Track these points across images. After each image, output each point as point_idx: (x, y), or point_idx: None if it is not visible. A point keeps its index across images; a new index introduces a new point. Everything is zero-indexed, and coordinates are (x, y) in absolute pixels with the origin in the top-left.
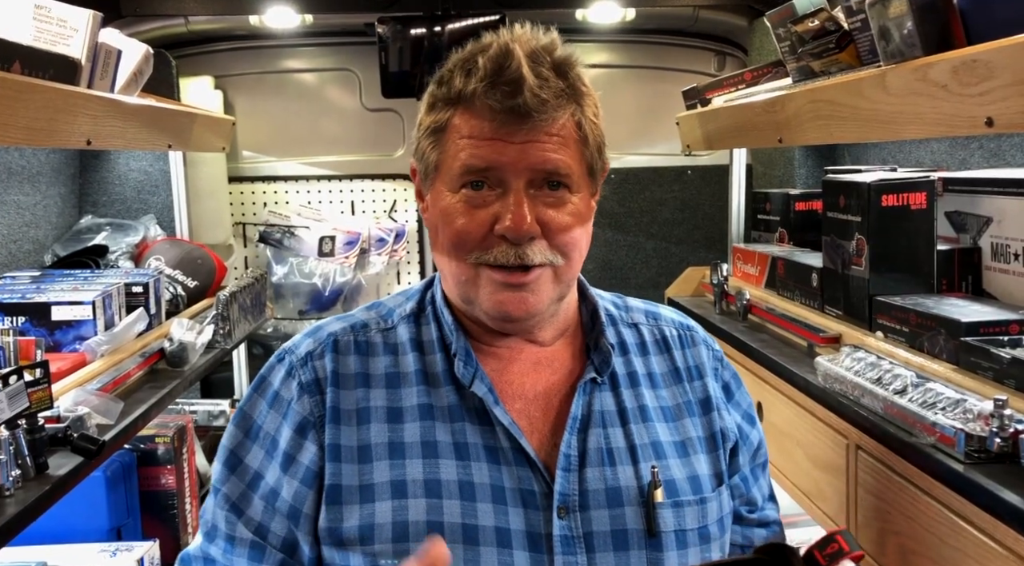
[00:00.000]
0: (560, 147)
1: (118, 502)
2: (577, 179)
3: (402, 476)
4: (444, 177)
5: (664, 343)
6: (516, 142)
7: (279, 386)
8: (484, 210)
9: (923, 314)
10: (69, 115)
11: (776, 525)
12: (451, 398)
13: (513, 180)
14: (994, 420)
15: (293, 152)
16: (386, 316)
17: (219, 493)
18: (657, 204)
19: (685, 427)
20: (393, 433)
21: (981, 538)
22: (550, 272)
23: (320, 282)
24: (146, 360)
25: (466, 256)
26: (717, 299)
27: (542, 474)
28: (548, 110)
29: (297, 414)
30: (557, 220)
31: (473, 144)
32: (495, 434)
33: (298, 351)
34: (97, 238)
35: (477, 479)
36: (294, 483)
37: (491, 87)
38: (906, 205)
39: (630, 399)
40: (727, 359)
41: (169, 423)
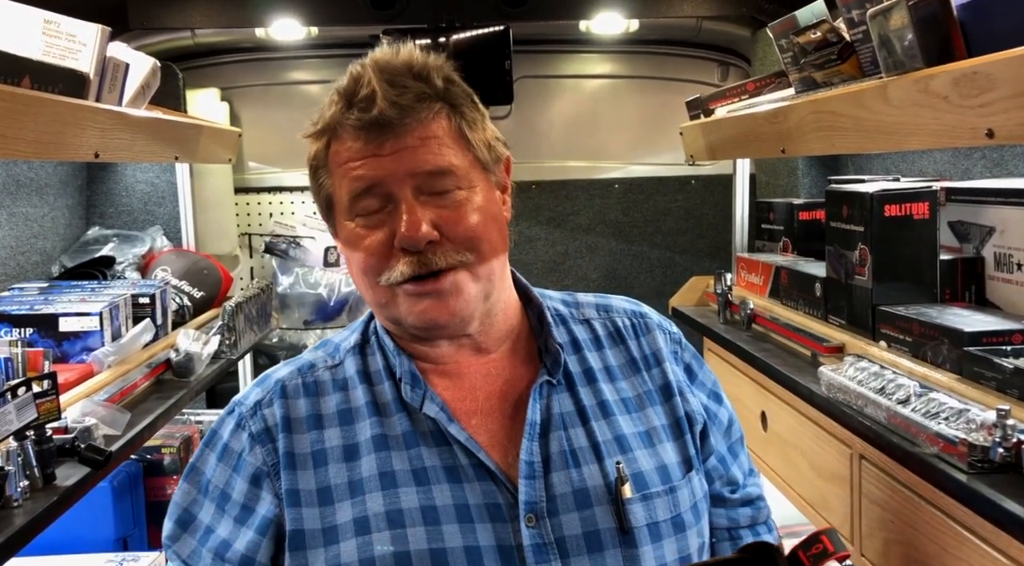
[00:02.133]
0: (438, 148)
1: (124, 512)
2: (465, 174)
3: (363, 512)
4: (339, 208)
5: (618, 334)
6: (387, 153)
7: (228, 439)
8: (381, 230)
9: (926, 324)
10: (77, 128)
11: (760, 500)
12: (404, 425)
13: (398, 191)
14: (997, 430)
15: (299, 163)
16: (332, 353)
17: (169, 550)
18: (661, 214)
19: (648, 416)
20: (351, 471)
21: (984, 548)
22: (464, 272)
23: (325, 292)
24: (152, 371)
25: (377, 279)
26: (721, 308)
27: (505, 485)
28: (410, 114)
29: (250, 465)
30: (452, 218)
31: (350, 168)
32: (453, 453)
33: (247, 402)
34: (104, 249)
35: (440, 502)
36: (248, 533)
37: (348, 109)
38: (909, 215)
39: (588, 396)
40: (685, 341)
41: (175, 433)
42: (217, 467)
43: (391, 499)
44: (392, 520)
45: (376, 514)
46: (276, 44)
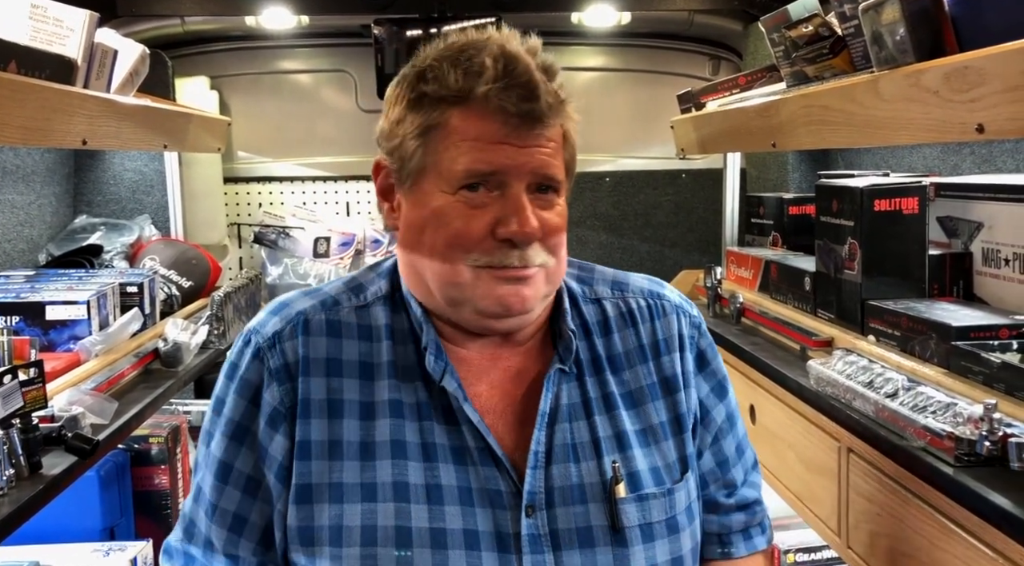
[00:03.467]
0: (556, 152)
1: (111, 502)
2: (562, 182)
3: (372, 479)
4: (437, 178)
5: (630, 317)
6: (525, 146)
7: (247, 371)
8: (483, 211)
9: (915, 318)
10: (65, 115)
11: (757, 504)
12: (420, 394)
13: (516, 184)
14: (984, 424)
15: (288, 153)
16: (358, 291)
17: (199, 490)
18: (652, 207)
19: (648, 413)
20: (364, 431)
21: (970, 541)
22: (543, 273)
23: (315, 283)
24: (140, 360)
25: (464, 258)
26: (711, 302)
27: (509, 473)
28: (553, 115)
29: (268, 405)
30: (551, 222)
31: (479, 147)
32: (461, 434)
33: (264, 331)
34: (92, 238)
35: (444, 481)
36: (270, 475)
37: (505, 90)
38: (898, 210)
39: (594, 388)
40: (705, 327)
41: (163, 423)
42: (235, 400)
43: (399, 471)
44: (398, 493)
45: (384, 483)
46: (266, 32)
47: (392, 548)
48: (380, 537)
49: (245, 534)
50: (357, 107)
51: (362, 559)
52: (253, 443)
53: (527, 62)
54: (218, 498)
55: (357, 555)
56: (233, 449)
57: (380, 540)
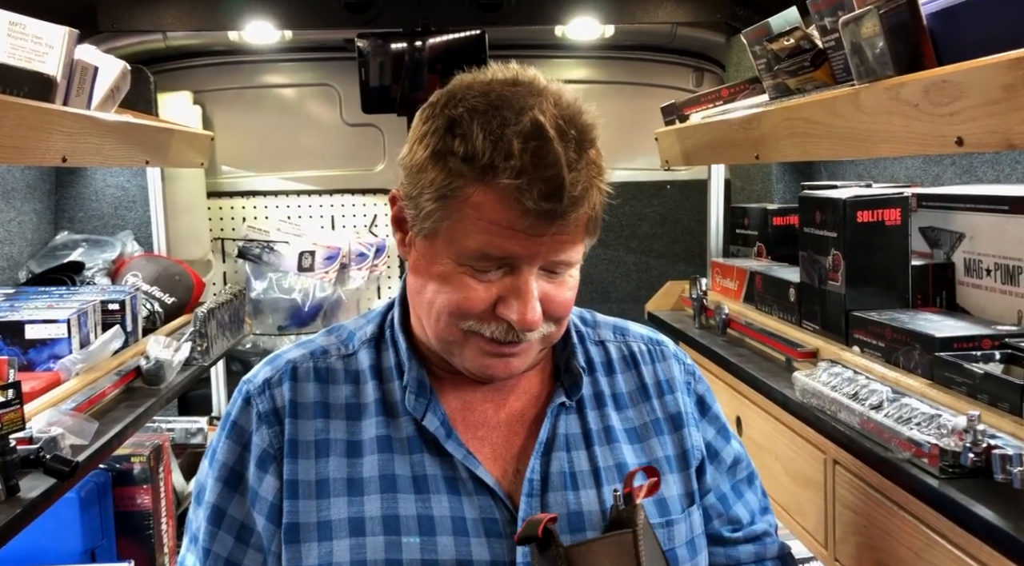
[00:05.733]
0: (575, 235)
1: (92, 523)
2: (579, 255)
3: (360, 513)
4: (448, 244)
5: (632, 359)
6: (542, 237)
7: (238, 416)
8: (488, 287)
9: (898, 329)
10: (44, 132)
11: (767, 536)
12: (409, 429)
13: (525, 267)
14: (968, 435)
15: (272, 167)
16: (346, 341)
17: (195, 538)
18: (637, 218)
19: (652, 448)
20: (352, 468)
21: (955, 553)
22: (539, 339)
23: (300, 297)
24: (122, 378)
25: (459, 323)
26: (696, 313)
27: (504, 502)
28: (577, 207)
29: (257, 447)
30: (558, 298)
31: (494, 231)
32: (453, 464)
33: (255, 380)
34: (73, 254)
35: (437, 512)
36: (261, 519)
37: (528, 185)
38: (881, 221)
39: (595, 420)
40: (700, 372)
41: (145, 442)
42: (226, 444)
43: (389, 504)
44: (388, 526)
45: (373, 517)
46: (249, 47)
47: None
48: None
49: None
50: (342, 121)
51: None
52: (244, 489)
53: (557, 151)
54: (211, 542)
55: None
56: (226, 494)
57: None
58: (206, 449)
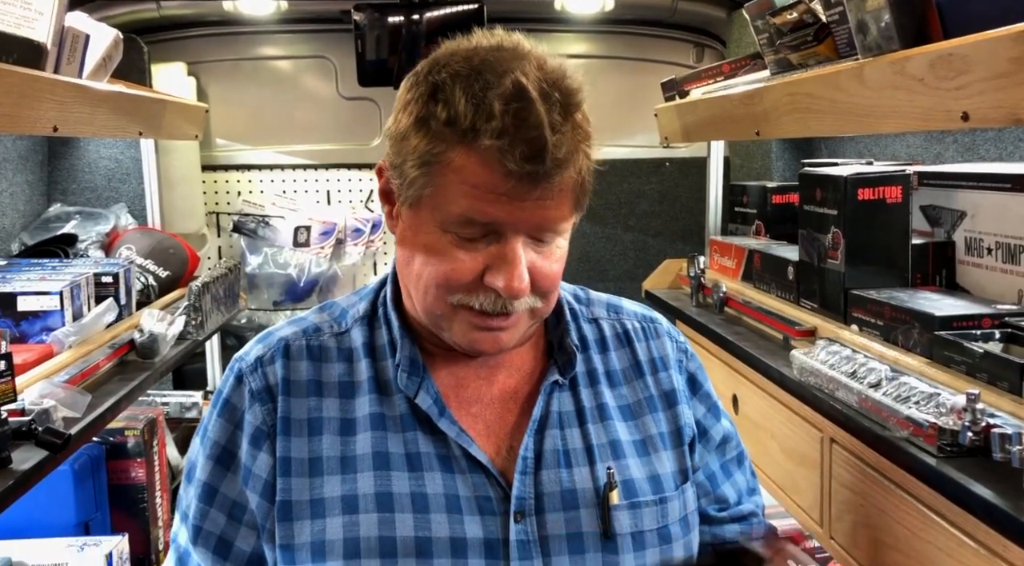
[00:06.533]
0: (560, 201)
1: (86, 496)
2: (567, 224)
3: (353, 491)
4: (433, 211)
5: (626, 337)
6: (524, 201)
7: (230, 394)
8: (474, 256)
9: (897, 308)
10: (34, 101)
11: (754, 517)
12: (402, 407)
13: (512, 236)
14: (967, 414)
15: (268, 140)
16: (339, 318)
17: (185, 516)
18: (635, 196)
19: (646, 424)
20: (345, 446)
21: (952, 531)
22: (527, 313)
23: (295, 273)
24: (115, 351)
25: (447, 297)
26: (694, 292)
27: (497, 480)
28: (561, 171)
29: (250, 424)
30: (544, 269)
31: (478, 195)
32: (447, 442)
33: (248, 358)
34: (66, 227)
35: (430, 490)
36: (255, 497)
37: (510, 146)
38: (882, 199)
39: (588, 398)
40: (693, 351)
41: (139, 415)
42: (219, 423)
43: (382, 481)
44: (381, 503)
45: (366, 495)
46: (245, 18)
47: (376, 559)
48: (363, 548)
49: (231, 559)
50: (338, 94)
51: None
52: (237, 467)
53: (539, 112)
54: (202, 520)
55: None
56: (218, 472)
57: (363, 552)
58: (198, 426)
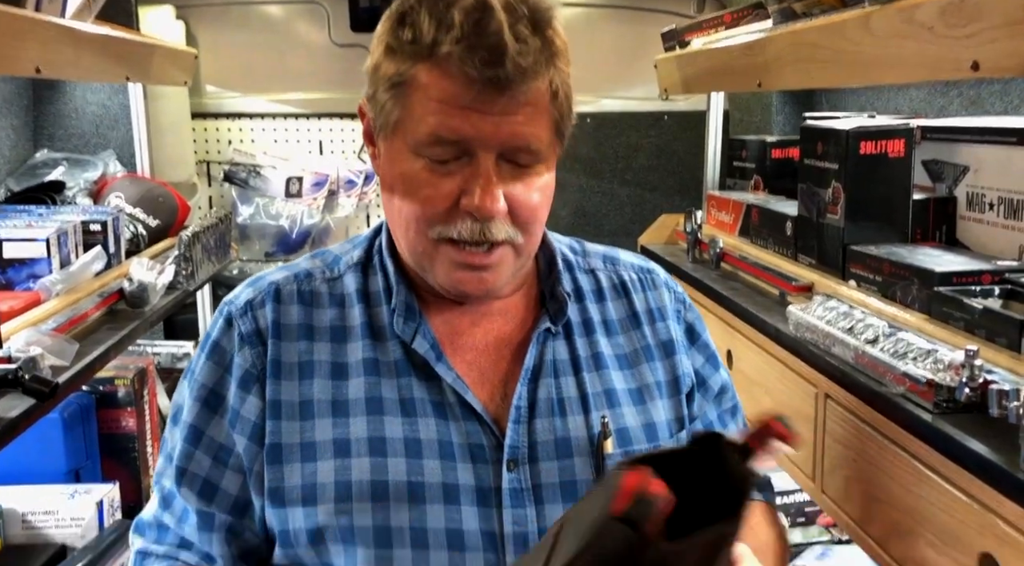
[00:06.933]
0: (533, 118)
1: (76, 444)
2: (546, 149)
3: (345, 435)
4: (406, 136)
5: (623, 288)
6: (492, 114)
7: (219, 337)
8: (449, 180)
9: (897, 263)
10: (16, 40)
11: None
12: (397, 353)
13: (482, 153)
14: (965, 370)
15: (259, 88)
16: (331, 264)
17: (170, 457)
18: (632, 150)
19: (643, 373)
20: (336, 390)
21: (945, 486)
22: (511, 251)
23: (287, 224)
24: (104, 300)
25: (427, 230)
26: (690, 247)
27: (490, 428)
28: (527, 79)
29: (239, 367)
30: (523, 196)
31: (444, 110)
32: (441, 389)
33: (237, 301)
34: (53, 173)
35: (424, 435)
36: (243, 440)
37: (469, 51)
38: (884, 153)
39: (584, 347)
40: (691, 301)
41: (129, 365)
42: (207, 365)
43: (376, 426)
44: (374, 447)
45: (358, 439)
46: None
47: (368, 503)
48: (355, 492)
49: (216, 501)
50: (330, 41)
51: (336, 516)
52: (224, 410)
53: (500, 19)
54: (187, 462)
55: (331, 511)
56: (204, 415)
57: (355, 496)
58: (185, 369)
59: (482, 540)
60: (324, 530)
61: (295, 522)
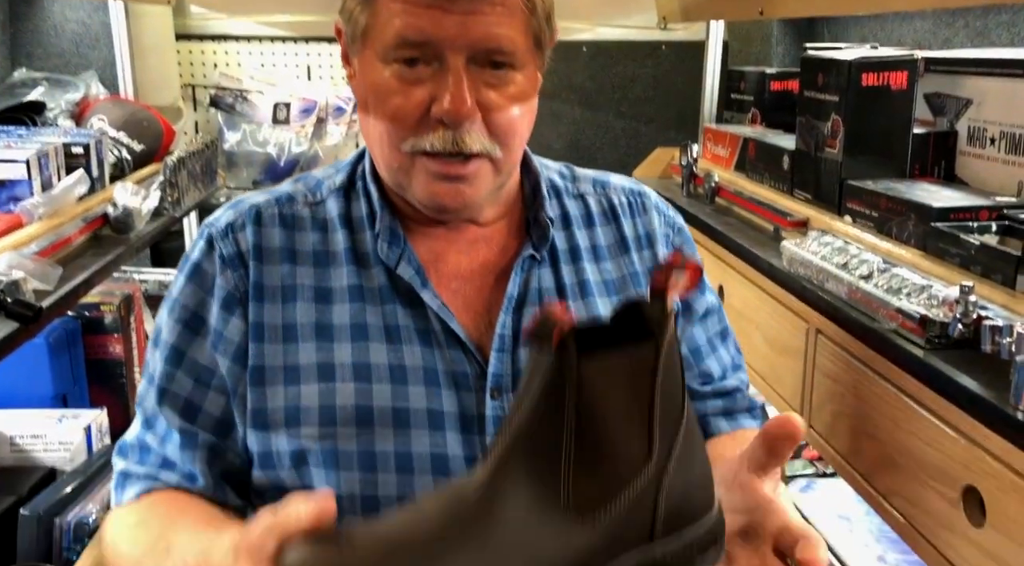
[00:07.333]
0: (504, 18)
1: (62, 369)
2: (522, 55)
3: (330, 359)
4: (375, 45)
5: (612, 212)
6: (456, 12)
7: (200, 259)
8: (419, 88)
9: (894, 199)
10: None
11: (738, 392)
12: (381, 279)
13: (451, 56)
14: (959, 306)
15: (245, 9)
16: (314, 189)
17: (152, 378)
18: (629, 81)
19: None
20: (321, 314)
21: (934, 421)
22: (488, 165)
23: (275, 151)
24: (88, 225)
25: (400, 144)
26: (685, 181)
27: (474, 356)
28: None
29: (221, 289)
30: (498, 102)
31: (408, 11)
32: (426, 316)
33: (218, 224)
34: (33, 94)
35: (408, 362)
36: (225, 361)
37: None
38: (886, 85)
39: (569, 275)
40: (683, 225)
41: (115, 291)
42: (188, 287)
43: (360, 351)
44: (359, 373)
45: (343, 364)
46: None
47: (352, 427)
48: (339, 417)
49: (199, 422)
50: None
51: (320, 440)
52: (206, 332)
53: None
54: (168, 383)
55: (315, 435)
56: (186, 336)
57: (339, 420)
58: (166, 293)
59: (466, 466)
60: (307, 453)
61: (278, 444)
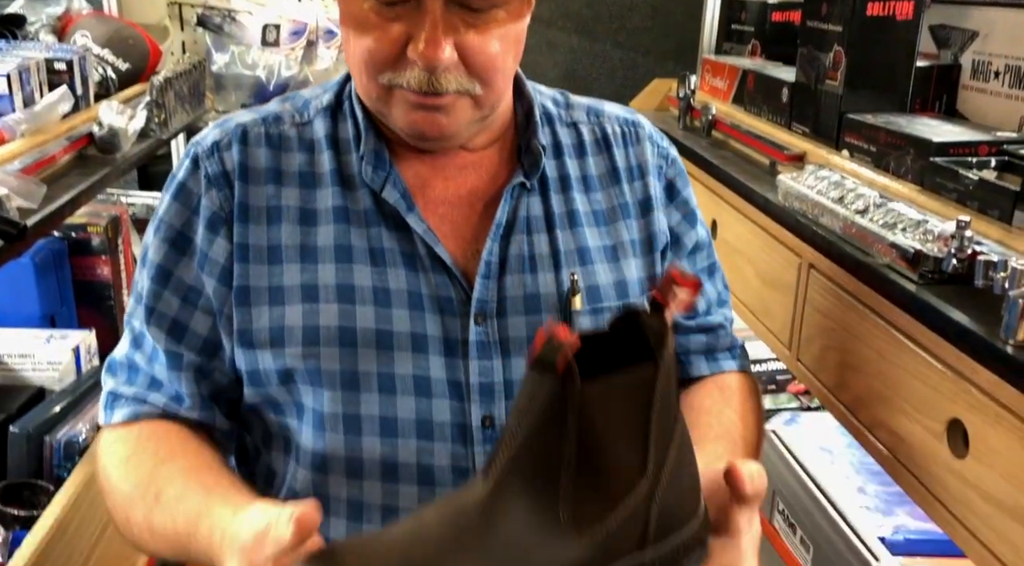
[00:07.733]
0: None
1: (49, 290)
2: None
3: (314, 280)
4: None
5: (604, 142)
6: None
7: (186, 178)
8: (397, 25)
9: (893, 133)
10: None
11: (721, 329)
12: (367, 201)
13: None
14: (954, 241)
15: None
16: (301, 109)
17: (140, 297)
18: (627, 9)
19: (618, 230)
20: (305, 236)
21: (922, 355)
22: (467, 100)
23: (264, 74)
24: (73, 144)
25: (377, 76)
26: (682, 114)
27: (459, 281)
28: None
29: (207, 209)
30: (477, 45)
31: None
32: (412, 240)
33: (204, 142)
34: (11, 6)
35: (393, 285)
36: (211, 282)
37: None
38: (892, 15)
39: (559, 204)
40: (676, 156)
41: (103, 212)
42: (174, 206)
43: (344, 273)
44: (343, 294)
45: (327, 285)
46: None
47: (335, 348)
48: (323, 337)
49: (185, 342)
50: None
51: (304, 360)
52: (192, 251)
53: None
54: (156, 302)
55: (299, 355)
56: (172, 255)
57: (323, 340)
58: (153, 212)
59: (448, 388)
60: (293, 372)
61: (264, 363)
